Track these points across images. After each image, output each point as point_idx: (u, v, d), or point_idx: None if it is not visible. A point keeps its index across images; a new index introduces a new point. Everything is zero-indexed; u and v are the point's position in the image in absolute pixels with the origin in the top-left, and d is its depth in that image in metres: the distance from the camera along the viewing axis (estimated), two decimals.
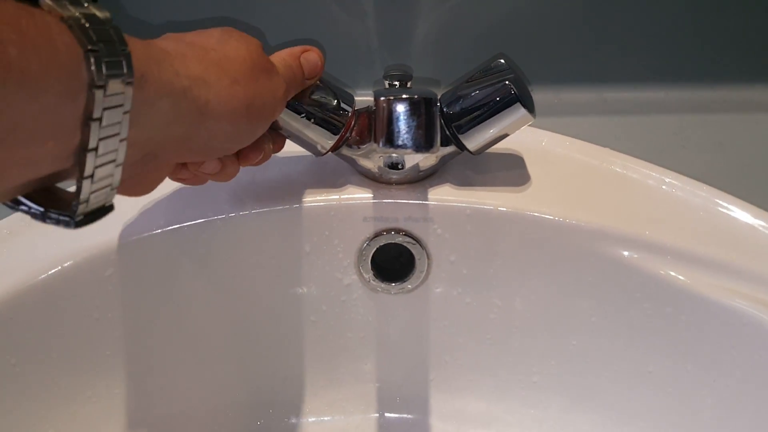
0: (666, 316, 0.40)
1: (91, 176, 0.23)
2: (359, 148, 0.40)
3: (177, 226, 0.41)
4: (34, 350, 0.39)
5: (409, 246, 0.43)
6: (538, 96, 0.41)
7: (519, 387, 0.46)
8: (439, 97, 0.41)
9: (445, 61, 0.53)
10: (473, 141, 0.40)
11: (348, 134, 0.40)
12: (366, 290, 0.45)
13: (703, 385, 0.39)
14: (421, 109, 0.36)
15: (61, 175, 0.24)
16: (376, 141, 0.37)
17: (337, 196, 0.43)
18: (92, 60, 0.21)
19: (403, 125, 0.36)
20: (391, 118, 0.36)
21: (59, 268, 0.39)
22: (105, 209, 0.25)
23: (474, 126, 0.40)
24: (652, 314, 0.40)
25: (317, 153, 0.41)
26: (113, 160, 0.24)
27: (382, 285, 0.44)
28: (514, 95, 0.38)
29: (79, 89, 0.21)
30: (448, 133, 0.40)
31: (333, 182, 0.43)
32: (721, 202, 0.42)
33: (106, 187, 0.25)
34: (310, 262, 0.44)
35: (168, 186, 0.43)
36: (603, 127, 0.50)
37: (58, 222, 0.25)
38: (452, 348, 0.46)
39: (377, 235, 0.43)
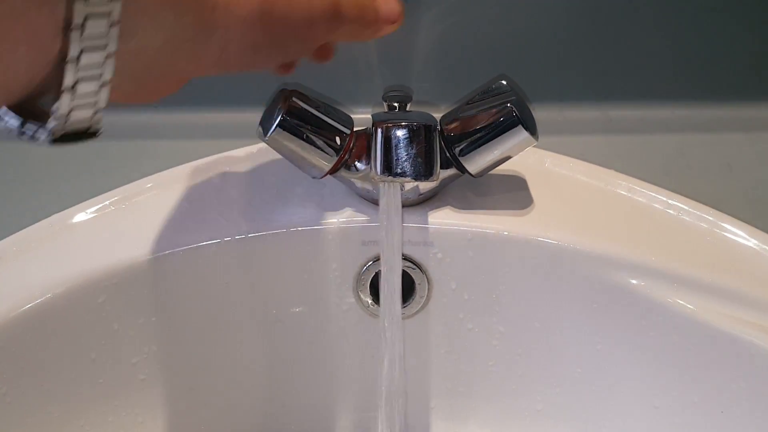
0: (673, 345, 0.38)
1: (72, 89, 0.21)
2: (357, 170, 0.40)
3: (170, 252, 0.40)
4: (24, 379, 0.38)
5: (409, 270, 0.42)
6: (541, 114, 0.40)
7: (523, 415, 0.45)
8: (439, 118, 0.40)
9: (446, 78, 0.52)
10: (474, 164, 0.39)
11: (346, 156, 0.39)
12: (365, 315, 0.44)
13: (710, 416, 0.38)
14: (420, 136, 0.35)
15: (46, 89, 0.22)
16: (374, 168, 0.36)
17: (336, 220, 0.42)
18: None
19: (402, 153, 0.35)
20: (389, 146, 0.35)
21: (50, 295, 0.38)
22: (89, 133, 0.23)
23: (475, 149, 0.39)
24: (659, 342, 0.39)
25: (315, 175, 0.40)
26: (98, 76, 0.22)
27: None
28: (516, 117, 0.37)
29: None
30: (448, 155, 0.39)
31: (331, 205, 0.42)
32: (728, 227, 0.41)
33: (88, 105, 0.22)
34: (307, 287, 0.43)
35: (162, 209, 0.42)
36: (607, 146, 0.49)
37: (32, 137, 0.22)
38: (454, 375, 0.45)
39: (376, 259, 0.42)
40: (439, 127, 0.39)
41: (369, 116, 0.39)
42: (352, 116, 0.40)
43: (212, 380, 0.44)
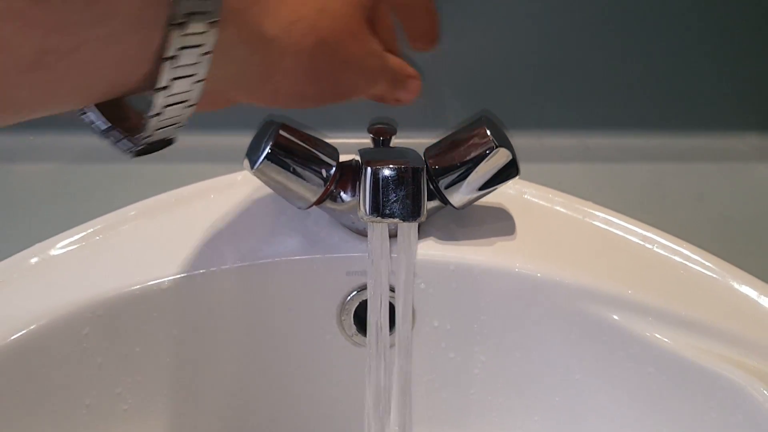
0: (648, 377, 0.40)
1: (158, 114, 0.22)
2: (343, 201, 0.40)
3: (154, 282, 0.40)
4: (4, 413, 0.38)
5: (392, 301, 0.43)
6: (520, 141, 0.41)
7: None
8: (422, 151, 0.40)
9: (429, 106, 0.52)
10: (457, 198, 0.40)
11: (332, 187, 0.40)
12: (348, 345, 0.44)
13: None
14: (408, 178, 0.35)
15: (133, 92, 0.23)
16: (362, 208, 0.36)
17: (320, 250, 0.42)
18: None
19: (390, 195, 0.35)
20: (377, 187, 0.35)
21: (33, 326, 0.37)
22: (167, 142, 0.25)
23: (458, 182, 0.39)
24: (635, 374, 0.40)
25: (301, 206, 0.40)
26: (185, 101, 0.23)
27: (365, 340, 0.44)
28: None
29: (155, 24, 0.20)
30: (432, 187, 0.40)
31: (316, 235, 0.43)
32: (701, 260, 0.42)
33: (172, 124, 0.24)
34: (290, 318, 0.43)
35: (145, 238, 0.42)
36: (585, 175, 0.50)
37: (118, 144, 0.24)
38: (436, 403, 0.46)
39: (360, 289, 0.43)
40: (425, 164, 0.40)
41: (353, 140, 0.39)
42: (337, 140, 0.40)
43: (196, 410, 0.44)
